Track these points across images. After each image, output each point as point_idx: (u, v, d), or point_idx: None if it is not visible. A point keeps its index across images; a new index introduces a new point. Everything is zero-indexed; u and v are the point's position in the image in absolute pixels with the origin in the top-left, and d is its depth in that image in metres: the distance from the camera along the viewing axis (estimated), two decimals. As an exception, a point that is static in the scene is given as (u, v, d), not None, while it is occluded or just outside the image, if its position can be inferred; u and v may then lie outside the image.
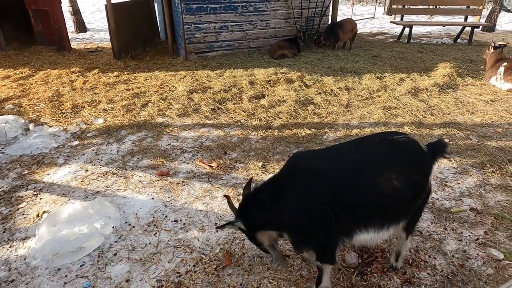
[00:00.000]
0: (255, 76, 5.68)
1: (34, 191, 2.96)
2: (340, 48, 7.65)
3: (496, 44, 5.60)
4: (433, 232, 2.42)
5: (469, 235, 2.38)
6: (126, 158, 3.45)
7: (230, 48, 7.11)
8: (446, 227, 2.46)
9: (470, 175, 3.09)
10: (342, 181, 1.72)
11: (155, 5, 8.33)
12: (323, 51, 7.33)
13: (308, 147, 3.62)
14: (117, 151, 3.59)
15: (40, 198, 2.87)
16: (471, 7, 8.90)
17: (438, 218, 2.55)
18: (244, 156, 3.47)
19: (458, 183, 2.97)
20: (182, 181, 3.06)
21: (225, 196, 2.09)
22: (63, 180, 3.11)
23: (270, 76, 5.61)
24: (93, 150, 3.61)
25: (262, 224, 1.89)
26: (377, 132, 3.91)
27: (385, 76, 5.69)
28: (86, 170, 3.26)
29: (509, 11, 12.19)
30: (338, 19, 8.37)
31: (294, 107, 4.56)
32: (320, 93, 5.04)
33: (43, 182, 3.09)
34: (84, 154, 3.54)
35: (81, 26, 9.82)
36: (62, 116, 4.38)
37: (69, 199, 2.84)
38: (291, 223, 1.80)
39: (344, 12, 13.53)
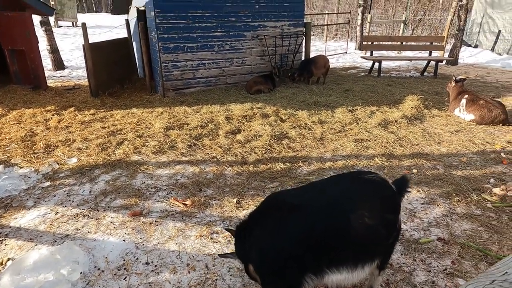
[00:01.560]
0: (231, 112, 5.80)
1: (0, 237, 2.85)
2: (314, 82, 7.96)
3: (457, 78, 5.98)
4: (403, 264, 2.46)
5: (437, 266, 2.44)
6: (98, 199, 3.39)
7: (207, 85, 7.29)
8: (416, 258, 2.51)
9: (438, 205, 3.19)
10: (314, 220, 1.75)
11: (134, 43, 8.53)
12: (298, 86, 7.61)
13: (282, 181, 3.67)
14: (90, 192, 3.53)
15: (5, 245, 2.76)
16: (434, 43, 9.55)
17: (407, 249, 2.60)
18: (219, 192, 3.48)
19: (426, 213, 3.07)
20: (155, 221, 3.03)
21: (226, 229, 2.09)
22: (31, 224, 3.02)
23: (246, 111, 5.75)
24: (64, 191, 3.54)
25: (244, 257, 1.91)
26: (349, 165, 4.03)
27: (357, 109, 5.92)
28: (56, 213, 3.17)
29: (469, 45, 13.10)
30: (312, 54, 8.77)
31: (270, 141, 4.66)
32: (294, 127, 5.18)
33: (10, 227, 2.98)
34: (55, 196, 3.46)
35: (59, 64, 9.87)
36: (34, 156, 4.30)
37: (36, 244, 2.75)
38: (258, 260, 1.81)
39: (318, 47, 14.20)
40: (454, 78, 6.02)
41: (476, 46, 13.01)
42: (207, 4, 6.74)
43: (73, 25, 20.69)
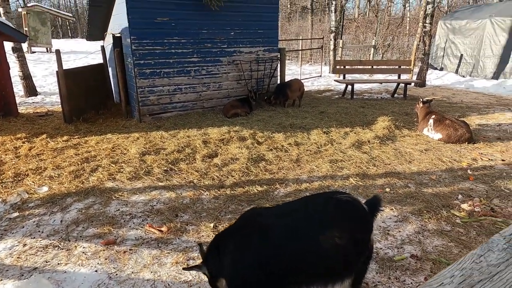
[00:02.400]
0: (208, 135, 5.82)
1: (-39, 273, 2.69)
2: (289, 105, 8.15)
3: (424, 100, 6.29)
4: (378, 282, 2.50)
5: (411, 283, 2.49)
6: (70, 228, 3.28)
7: (184, 109, 7.31)
8: (390, 276, 2.56)
9: (410, 222, 3.29)
10: (284, 239, 1.79)
11: (109, 69, 8.51)
12: (274, 109, 7.76)
13: (259, 204, 3.68)
14: (61, 221, 3.41)
15: (-33, 281, 2.60)
16: (402, 66, 10.05)
17: (382, 267, 2.65)
18: (196, 217, 3.45)
19: (399, 231, 3.14)
20: (130, 249, 2.95)
21: (198, 244, 2.14)
22: (-3, 257, 2.87)
23: (223, 135, 5.79)
24: (34, 222, 3.41)
25: (216, 272, 1.94)
26: (325, 186, 4.10)
27: (332, 131, 6.09)
28: (24, 245, 3.04)
29: (435, 68, 13.85)
30: (288, 78, 9.02)
31: (247, 164, 4.69)
32: (271, 150, 5.25)
33: (-27, 262, 2.82)
34: (23, 227, 3.32)
35: (31, 90, 9.66)
36: (1, 186, 4.13)
37: (1, 279, 2.61)
38: (231, 275, 1.82)
39: (294, 71, 14.61)
40: (421, 99, 6.33)
41: (441, 69, 13.77)
42: (183, 31, 6.88)
43: (47, 51, 20.42)
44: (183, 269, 2.20)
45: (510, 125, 6.64)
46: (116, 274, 2.64)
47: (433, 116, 5.90)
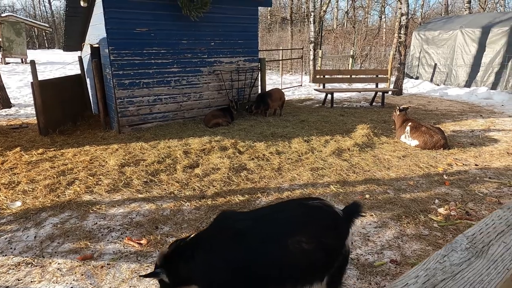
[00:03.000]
0: (189, 146, 5.78)
1: None
2: (271, 115, 8.21)
3: (400, 108, 6.47)
4: (359, 289, 2.52)
5: (391, 288, 2.51)
6: (44, 244, 3.16)
7: (164, 119, 7.25)
8: (371, 282, 2.58)
9: (389, 228, 3.34)
10: (253, 244, 1.81)
11: (88, 80, 8.37)
12: (255, 118, 7.80)
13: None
14: (35, 237, 3.28)
15: None
16: (380, 75, 10.33)
17: (363, 273, 2.67)
18: (176, 229, 3.39)
19: (379, 237, 3.19)
20: (108, 264, 2.86)
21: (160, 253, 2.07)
22: (-36, 277, 2.73)
23: (204, 145, 5.76)
24: (5, 239, 3.26)
25: (179, 279, 1.93)
26: (306, 193, 4.13)
27: (312, 139, 6.16)
28: (-5, 263, 2.90)
29: (411, 77, 14.30)
30: (269, 87, 9.11)
31: (228, 174, 4.67)
32: (253, 159, 5.26)
33: None
34: (-6, 244, 3.18)
35: (4, 102, 9.36)
36: (-29, 202, 3.96)
37: (-31, 301, 2.48)
38: (201, 283, 1.83)
39: (274, 81, 14.76)
40: (398, 107, 6.51)
41: (417, 78, 14.23)
42: (163, 41, 6.86)
43: (22, 62, 19.90)
44: (140, 276, 2.21)
45: (482, 131, 6.91)
46: (93, 290, 2.56)
47: (410, 124, 6.07)
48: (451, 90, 11.97)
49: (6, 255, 3.01)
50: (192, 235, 2.03)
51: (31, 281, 2.67)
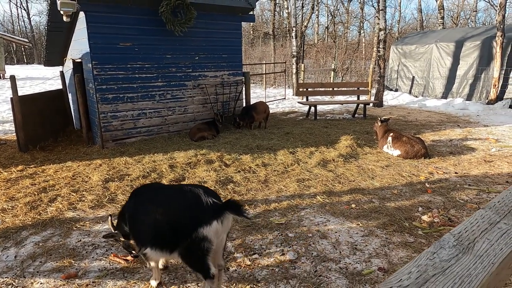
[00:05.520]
0: (175, 159, 5.74)
1: None
2: (256, 127, 8.27)
3: (382, 119, 6.64)
4: (349, 297, 2.53)
5: (380, 295, 2.54)
6: (25, 264, 3.05)
7: (149, 134, 7.19)
8: (360, 290, 2.60)
9: (376, 236, 3.39)
10: (136, 207, 2.57)
11: (69, 95, 8.25)
12: (241, 131, 7.84)
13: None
14: (15, 257, 3.16)
15: None
16: (361, 88, 10.60)
17: (352, 282, 2.69)
18: (163, 244, 3.33)
19: (366, 245, 3.23)
20: (93, 282, 2.78)
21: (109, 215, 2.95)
22: None
23: (190, 158, 5.73)
24: (-17, 259, 3.13)
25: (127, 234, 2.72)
26: (293, 204, 4.15)
27: (297, 151, 6.22)
28: (-28, 285, 2.78)
29: (391, 89, 14.73)
30: (253, 101, 9.19)
31: (215, 187, 4.65)
32: (239, 171, 5.26)
33: None
34: (-29, 265, 3.04)
35: (-18, 119, 9.08)
36: None
37: None
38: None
39: (258, 94, 14.91)
40: (379, 118, 6.68)
41: (396, 90, 14.68)
42: (147, 55, 6.87)
43: (0, 78, 19.44)
44: (103, 237, 2.91)
45: (460, 140, 7.15)
46: (78, 310, 2.48)
47: (391, 134, 6.23)
48: (429, 101, 12.38)
49: (-16, 276, 2.89)
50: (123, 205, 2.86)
51: (12, 303, 2.56)
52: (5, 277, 2.86)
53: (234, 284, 2.71)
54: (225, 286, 2.68)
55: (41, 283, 2.78)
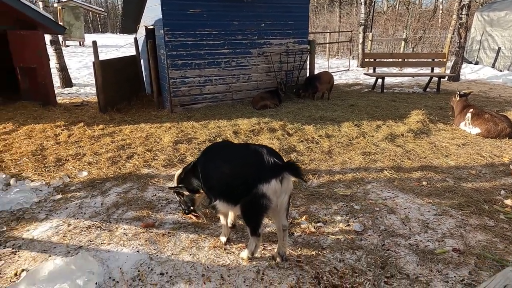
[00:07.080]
0: (239, 126, 5.86)
1: (13, 249, 2.85)
2: (319, 98, 8.06)
3: (461, 93, 6.06)
4: (420, 274, 2.44)
5: (455, 276, 2.42)
6: (110, 211, 3.40)
7: (214, 100, 7.39)
8: (432, 268, 2.50)
9: (450, 216, 3.19)
10: (207, 163, 2.71)
11: (142, 61, 8.71)
12: (303, 101, 7.70)
13: (292, 193, 3.68)
14: (101, 204, 3.54)
15: (19, 256, 2.76)
16: (436, 60, 9.69)
17: (423, 260, 2.59)
18: (230, 204, 3.48)
19: (439, 224, 3.06)
20: (168, 232, 3.03)
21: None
22: (44, 235, 3.02)
23: (253, 126, 5.80)
24: (76, 204, 3.56)
25: (194, 187, 2.87)
26: (359, 177, 4.04)
27: (363, 124, 5.98)
28: (69, 225, 3.18)
29: (470, 62, 13.28)
30: (316, 71, 8.92)
31: (278, 155, 4.68)
32: (302, 141, 5.22)
33: (23, 239, 2.98)
34: (66, 208, 3.48)
35: (67, 82, 10.04)
36: (45, 170, 4.34)
37: (50, 256, 2.75)
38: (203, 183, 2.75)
39: (321, 65, 14.42)
40: (458, 92, 6.10)
41: (476, 63, 13.19)
42: (214, 22, 6.92)
43: (80, 45, 21.14)
44: (169, 188, 3.35)
45: (554, 121, 6.28)
46: (157, 255, 2.72)
47: (471, 110, 5.68)
48: (516, 76, 10.97)
49: (78, 218, 3.29)
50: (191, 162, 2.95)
51: (101, 243, 2.90)
52: (95, 221, 3.23)
53: (300, 249, 2.76)
54: (291, 249, 2.74)
55: (124, 229, 3.09)
